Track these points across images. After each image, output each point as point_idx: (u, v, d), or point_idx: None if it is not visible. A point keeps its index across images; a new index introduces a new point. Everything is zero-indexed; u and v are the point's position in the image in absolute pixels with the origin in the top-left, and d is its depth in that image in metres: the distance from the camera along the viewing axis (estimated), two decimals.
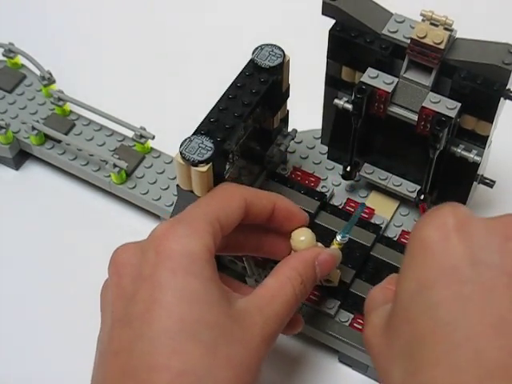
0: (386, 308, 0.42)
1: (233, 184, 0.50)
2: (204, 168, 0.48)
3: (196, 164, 0.48)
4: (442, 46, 0.49)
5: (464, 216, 0.39)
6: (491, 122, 0.51)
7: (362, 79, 0.53)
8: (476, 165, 0.54)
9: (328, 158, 0.63)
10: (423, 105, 0.51)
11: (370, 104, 0.53)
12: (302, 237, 0.50)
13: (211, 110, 0.51)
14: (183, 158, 0.48)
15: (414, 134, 0.53)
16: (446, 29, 0.49)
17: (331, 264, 0.50)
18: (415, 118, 0.52)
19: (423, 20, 0.50)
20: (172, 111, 0.70)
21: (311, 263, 0.48)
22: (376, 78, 0.52)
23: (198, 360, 0.40)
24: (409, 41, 0.50)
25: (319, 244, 0.51)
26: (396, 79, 0.52)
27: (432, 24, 0.49)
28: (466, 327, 0.36)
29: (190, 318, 0.40)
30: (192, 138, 0.49)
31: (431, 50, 0.49)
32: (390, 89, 0.52)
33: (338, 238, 0.52)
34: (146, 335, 0.40)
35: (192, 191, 0.50)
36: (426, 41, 0.49)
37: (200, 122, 0.50)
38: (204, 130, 0.49)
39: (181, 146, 0.48)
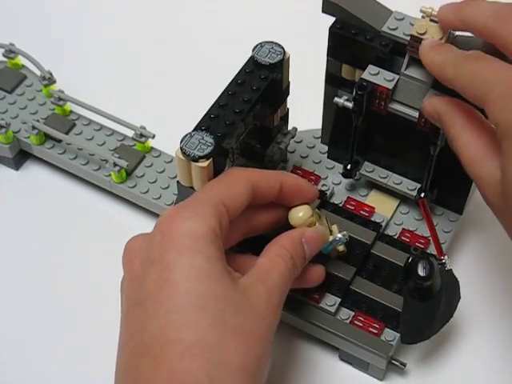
0: (492, 167, 0.44)
1: (238, 168, 0.51)
2: (204, 163, 0.48)
3: (196, 159, 0.48)
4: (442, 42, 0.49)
5: None
6: None
7: (362, 76, 0.53)
8: None
9: (328, 157, 0.63)
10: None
11: (370, 101, 0.53)
12: (300, 213, 0.52)
13: (211, 106, 0.51)
14: (183, 153, 0.48)
15: (414, 131, 0.53)
16: None
17: (318, 241, 0.51)
18: (416, 114, 0.52)
19: (423, 17, 0.50)
20: (172, 110, 0.70)
21: (298, 240, 0.50)
22: (377, 75, 0.53)
23: (207, 331, 0.41)
24: (409, 38, 0.50)
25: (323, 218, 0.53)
26: (397, 76, 0.52)
27: (432, 21, 0.50)
28: None
29: (197, 292, 0.42)
30: (192, 134, 0.49)
31: None
32: (390, 85, 0.52)
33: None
34: (157, 313, 0.42)
35: (192, 187, 0.50)
36: (425, 37, 0.49)
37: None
38: (204, 125, 0.50)
39: (181, 141, 0.48)
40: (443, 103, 0.49)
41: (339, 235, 0.54)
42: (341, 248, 0.55)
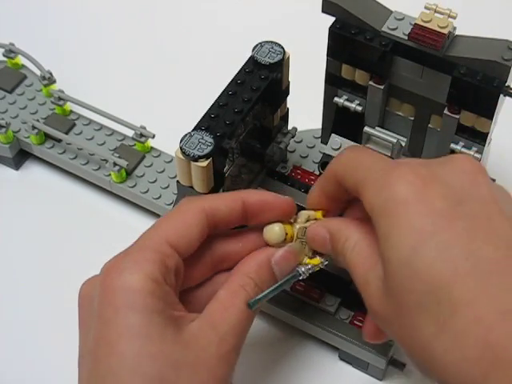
0: (380, 269, 0.40)
1: (191, 198, 0.47)
2: (204, 163, 0.48)
3: (196, 159, 0.48)
4: (445, 31, 0.49)
5: (423, 166, 0.40)
6: (491, 118, 0.51)
7: (325, 151, 0.54)
8: None
9: None
10: None
11: None
12: (276, 228, 0.47)
13: (211, 106, 0.51)
14: (183, 153, 0.48)
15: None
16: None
17: (291, 260, 0.46)
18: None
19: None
20: (172, 110, 0.70)
21: (264, 264, 0.46)
22: (338, 150, 0.54)
23: None
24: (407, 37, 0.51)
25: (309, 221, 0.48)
26: None
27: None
28: (482, 257, 0.36)
29: (132, 352, 0.40)
30: (192, 134, 0.49)
31: (435, 34, 0.49)
32: None
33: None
34: (96, 373, 0.41)
35: (192, 187, 0.50)
36: (429, 25, 0.49)
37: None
38: (204, 125, 0.50)
39: (181, 141, 0.49)
40: (335, 222, 0.46)
41: (302, 268, 0.47)
42: (316, 261, 0.48)
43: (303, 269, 0.46)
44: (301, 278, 0.46)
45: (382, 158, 0.44)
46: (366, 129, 0.53)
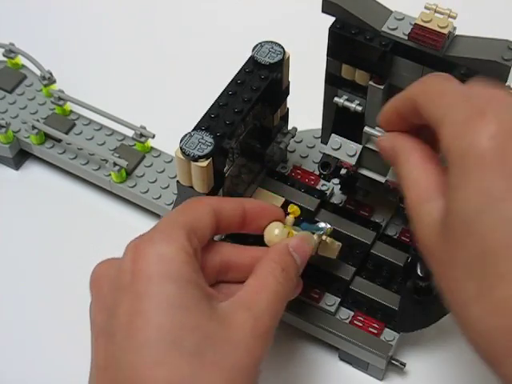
0: (437, 206, 0.40)
1: (198, 196, 0.49)
2: (204, 163, 0.48)
3: (196, 159, 0.48)
4: (445, 31, 0.49)
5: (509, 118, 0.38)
6: None
7: (325, 151, 0.54)
8: None
9: None
10: (387, 178, 0.53)
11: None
12: (276, 230, 0.49)
13: (211, 106, 0.51)
14: (183, 153, 0.48)
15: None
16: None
17: (305, 247, 0.48)
18: (383, 180, 0.54)
19: None
20: (172, 110, 0.70)
21: (285, 250, 0.47)
22: (339, 150, 0.54)
23: (183, 368, 0.39)
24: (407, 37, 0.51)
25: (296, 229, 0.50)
26: (359, 147, 0.54)
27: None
28: None
29: (170, 325, 0.39)
30: (192, 134, 0.49)
31: (435, 34, 0.49)
32: (353, 161, 0.54)
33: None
34: (129, 348, 0.40)
35: (192, 187, 0.51)
36: (430, 25, 0.49)
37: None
38: (204, 125, 0.50)
39: (181, 141, 0.49)
40: (401, 138, 0.46)
41: (322, 223, 0.52)
42: (332, 243, 0.52)
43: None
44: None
45: (469, 96, 0.40)
46: (366, 129, 0.53)
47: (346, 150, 0.54)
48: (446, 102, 0.40)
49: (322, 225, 0.51)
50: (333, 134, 0.54)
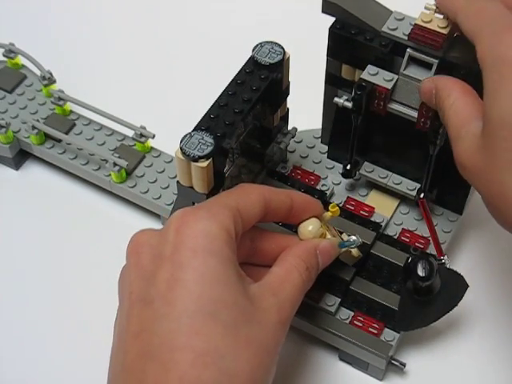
0: (477, 125, 0.44)
1: (250, 184, 0.52)
2: (204, 163, 0.48)
3: (196, 159, 0.48)
4: (445, 31, 0.49)
5: None
6: None
7: (361, 76, 0.53)
8: None
9: (328, 157, 0.63)
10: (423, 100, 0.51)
11: (369, 101, 0.53)
12: (310, 226, 0.51)
13: (211, 106, 0.51)
14: (183, 153, 0.48)
15: (413, 131, 0.53)
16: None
17: (331, 252, 0.51)
18: (415, 114, 0.52)
19: None
20: (172, 110, 0.70)
21: (313, 251, 0.49)
22: (376, 75, 0.53)
23: (219, 339, 0.41)
24: (407, 37, 0.50)
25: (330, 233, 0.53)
26: (396, 76, 0.52)
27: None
28: None
29: (209, 297, 0.41)
30: (192, 134, 0.49)
31: (435, 35, 0.49)
32: (389, 86, 0.52)
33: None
34: (167, 315, 0.41)
35: (192, 187, 0.51)
36: (430, 25, 0.49)
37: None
38: (204, 125, 0.50)
39: (181, 141, 0.49)
40: (442, 79, 0.49)
41: (353, 237, 0.53)
42: (356, 253, 0.55)
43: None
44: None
45: (507, 14, 0.44)
46: (409, 50, 0.52)
47: (382, 75, 0.53)
48: (484, 17, 0.45)
49: (353, 238, 0.53)
50: (369, 65, 0.53)
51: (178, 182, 0.51)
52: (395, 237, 0.58)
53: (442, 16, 0.49)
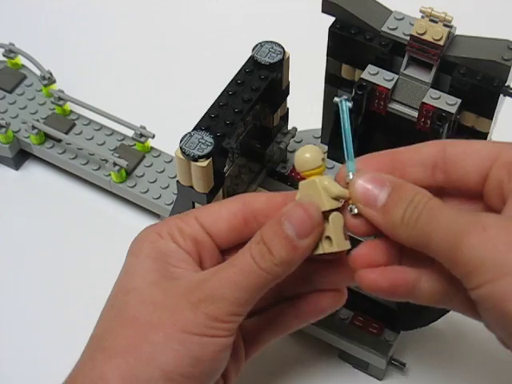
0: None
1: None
2: (204, 163, 0.48)
3: (196, 159, 0.48)
4: (441, 43, 0.49)
5: None
6: (491, 118, 0.51)
7: (362, 76, 0.53)
8: None
9: (328, 157, 0.62)
10: (423, 101, 0.51)
11: (370, 101, 0.53)
12: (307, 154, 0.40)
13: (211, 106, 0.51)
14: (183, 153, 0.48)
15: (414, 131, 0.53)
16: (445, 25, 0.50)
17: (304, 216, 0.39)
18: (415, 114, 0.52)
19: (422, 17, 0.50)
20: (172, 110, 0.70)
21: (273, 220, 0.39)
22: (376, 75, 0.52)
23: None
24: (408, 38, 0.50)
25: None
26: (396, 76, 0.52)
27: (431, 20, 0.50)
28: None
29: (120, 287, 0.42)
30: (192, 134, 0.49)
31: (431, 46, 0.50)
32: (390, 85, 0.52)
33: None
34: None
35: (192, 187, 0.50)
36: (425, 37, 0.49)
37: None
38: (204, 125, 0.50)
39: (181, 141, 0.48)
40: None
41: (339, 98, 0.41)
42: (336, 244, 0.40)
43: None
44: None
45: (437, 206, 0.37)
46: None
47: (383, 75, 0.52)
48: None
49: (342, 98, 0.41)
50: (370, 65, 0.53)
51: (177, 181, 0.51)
52: None
53: (436, 24, 0.49)
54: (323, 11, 0.54)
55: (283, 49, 0.53)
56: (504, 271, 0.34)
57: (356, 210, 0.38)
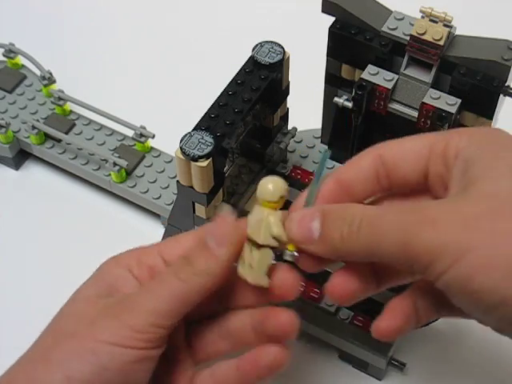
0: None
1: None
2: (204, 163, 0.48)
3: (196, 159, 0.48)
4: (441, 43, 0.49)
5: None
6: (490, 118, 0.51)
7: (362, 76, 0.53)
8: None
9: (329, 157, 0.62)
10: (423, 101, 0.51)
11: (370, 101, 0.53)
12: (269, 184, 0.39)
13: (211, 106, 0.51)
14: (183, 153, 0.48)
15: (414, 130, 0.53)
16: (445, 25, 0.50)
17: (220, 223, 0.39)
18: (415, 114, 0.52)
19: (422, 17, 0.50)
20: (172, 110, 0.70)
21: (201, 238, 0.39)
22: (376, 75, 0.52)
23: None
24: (408, 38, 0.51)
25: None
26: (396, 76, 0.52)
27: (431, 20, 0.50)
28: None
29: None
30: (192, 134, 0.49)
31: (431, 46, 0.50)
32: (390, 85, 0.52)
33: None
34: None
35: (192, 187, 0.50)
36: (425, 37, 0.49)
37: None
38: (204, 125, 0.50)
39: (181, 141, 0.49)
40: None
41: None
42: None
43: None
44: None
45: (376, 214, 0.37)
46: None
47: (383, 75, 0.52)
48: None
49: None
50: (370, 65, 0.53)
51: (177, 181, 0.51)
52: None
53: (436, 24, 0.49)
54: (323, 11, 0.54)
55: (283, 49, 0.53)
56: (461, 251, 0.34)
57: (295, 253, 0.38)
